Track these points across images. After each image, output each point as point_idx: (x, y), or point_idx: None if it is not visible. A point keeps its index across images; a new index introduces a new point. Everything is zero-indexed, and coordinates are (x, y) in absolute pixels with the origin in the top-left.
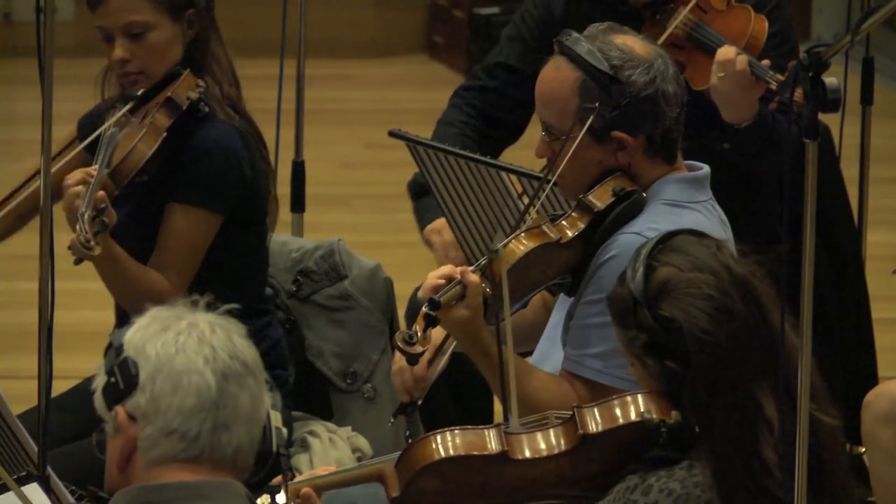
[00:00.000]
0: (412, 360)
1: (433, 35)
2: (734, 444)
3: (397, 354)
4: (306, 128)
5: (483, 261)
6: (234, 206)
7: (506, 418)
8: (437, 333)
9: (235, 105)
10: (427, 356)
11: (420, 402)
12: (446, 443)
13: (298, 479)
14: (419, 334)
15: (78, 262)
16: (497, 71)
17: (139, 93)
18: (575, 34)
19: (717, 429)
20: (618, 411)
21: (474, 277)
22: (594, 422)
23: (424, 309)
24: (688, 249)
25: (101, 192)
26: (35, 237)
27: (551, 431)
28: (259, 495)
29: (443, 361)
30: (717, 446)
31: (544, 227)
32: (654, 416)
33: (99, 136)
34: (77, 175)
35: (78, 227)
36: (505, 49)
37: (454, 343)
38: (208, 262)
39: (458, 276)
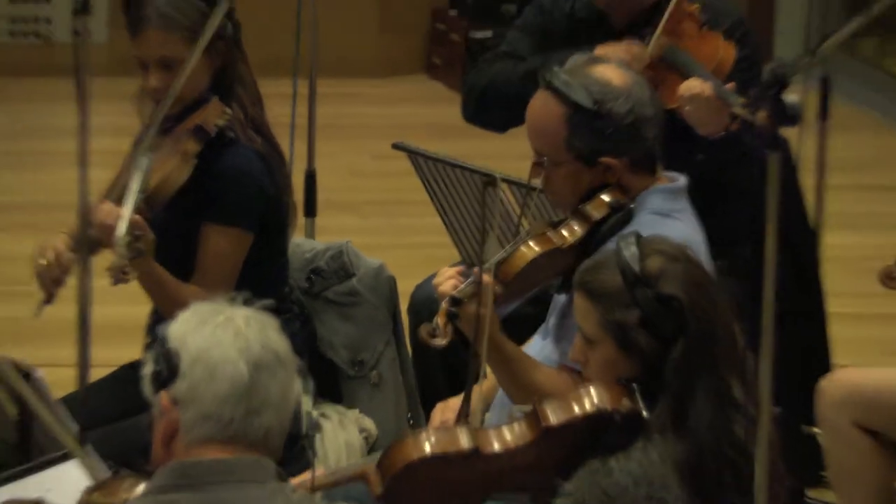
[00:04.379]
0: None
1: (432, 57)
2: (711, 420)
3: (431, 422)
4: (318, 140)
5: (494, 261)
6: (260, 222)
7: (466, 414)
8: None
9: (259, 126)
10: (453, 415)
11: None
12: (421, 443)
13: (293, 481)
14: (441, 328)
15: (116, 283)
16: (507, 58)
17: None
18: (558, 70)
19: (698, 403)
20: (575, 403)
21: (487, 278)
22: (554, 414)
23: (446, 305)
24: (668, 241)
25: (138, 217)
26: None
27: (515, 425)
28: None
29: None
30: (695, 420)
31: (549, 234)
32: (608, 405)
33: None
34: (109, 207)
35: (114, 252)
36: (516, 42)
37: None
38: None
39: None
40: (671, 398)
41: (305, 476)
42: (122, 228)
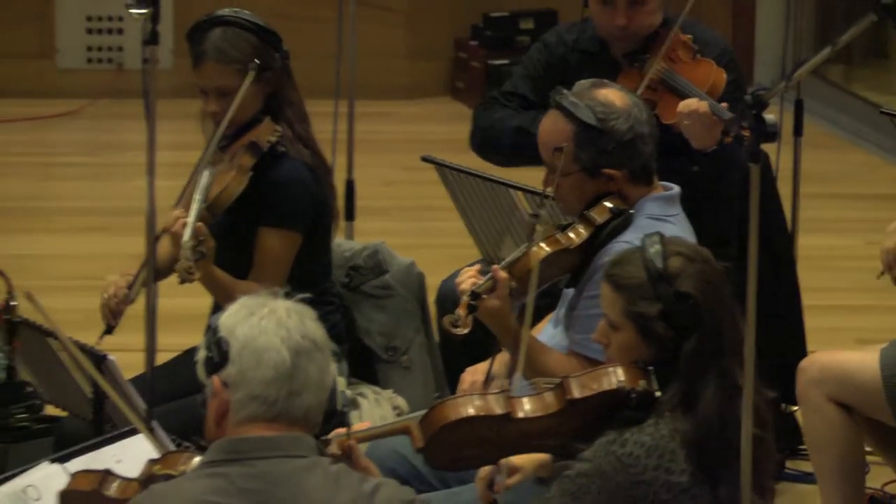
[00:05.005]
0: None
1: (456, 81)
2: (717, 403)
3: (461, 384)
4: (356, 153)
5: (509, 260)
6: (309, 225)
7: (491, 378)
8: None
9: (306, 141)
10: (482, 377)
11: None
12: (461, 406)
13: (342, 431)
14: (462, 318)
15: (182, 282)
16: (513, 98)
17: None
18: (566, 92)
19: (707, 388)
20: (597, 380)
21: (503, 274)
22: (578, 389)
23: (466, 299)
24: (687, 244)
25: (200, 224)
26: (143, 239)
27: (545, 395)
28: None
29: (499, 384)
30: (703, 403)
31: (557, 236)
32: (626, 384)
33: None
34: (178, 213)
35: (181, 255)
36: (518, 83)
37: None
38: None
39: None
40: (683, 382)
41: (358, 425)
42: (187, 234)
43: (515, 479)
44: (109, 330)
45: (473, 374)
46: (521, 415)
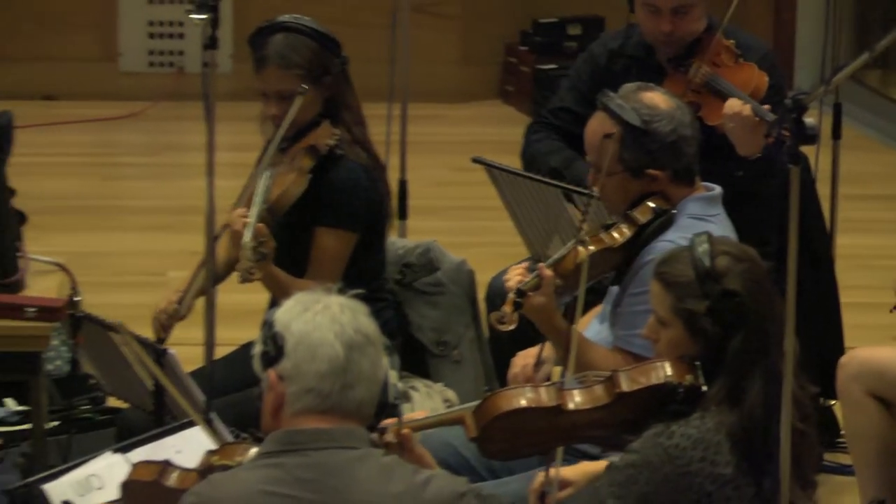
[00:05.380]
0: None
1: (505, 85)
2: (762, 398)
3: (512, 367)
4: (409, 155)
5: (555, 258)
6: (364, 225)
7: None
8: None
9: (363, 144)
10: (533, 361)
11: None
12: (514, 397)
13: (397, 421)
14: (508, 315)
15: (243, 281)
16: (560, 114)
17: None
18: (612, 94)
19: (752, 384)
20: (646, 375)
21: (548, 272)
22: (627, 382)
23: (512, 296)
24: (734, 244)
25: (261, 225)
26: (202, 237)
27: (595, 388)
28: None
29: (548, 368)
30: (748, 397)
31: (601, 235)
32: (674, 379)
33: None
34: (239, 213)
35: (241, 256)
36: (565, 96)
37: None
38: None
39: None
40: (729, 377)
41: (412, 415)
42: (247, 235)
43: (567, 492)
44: (160, 342)
45: (525, 358)
46: (571, 407)
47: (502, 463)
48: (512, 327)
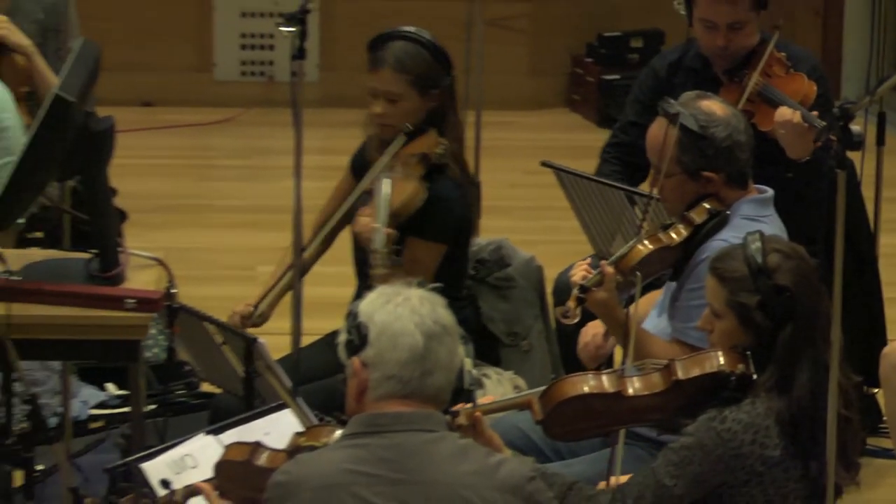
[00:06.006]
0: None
1: (572, 94)
2: (809, 386)
3: (582, 337)
4: (483, 159)
5: (616, 256)
6: (452, 238)
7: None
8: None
9: (458, 158)
10: (602, 331)
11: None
12: (577, 383)
13: (469, 406)
14: (572, 310)
15: (377, 284)
16: (629, 128)
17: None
18: (672, 101)
19: (800, 372)
20: (700, 364)
21: (610, 269)
22: (682, 370)
23: (576, 292)
24: (785, 242)
25: (390, 230)
26: (289, 234)
27: (652, 376)
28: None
29: (614, 341)
30: (797, 385)
31: (660, 235)
32: (726, 367)
33: (366, 165)
34: (365, 220)
35: (374, 261)
36: (629, 110)
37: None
38: None
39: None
40: (778, 366)
41: (482, 399)
42: (379, 241)
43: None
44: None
45: (594, 328)
46: (630, 393)
47: (567, 446)
48: (575, 321)
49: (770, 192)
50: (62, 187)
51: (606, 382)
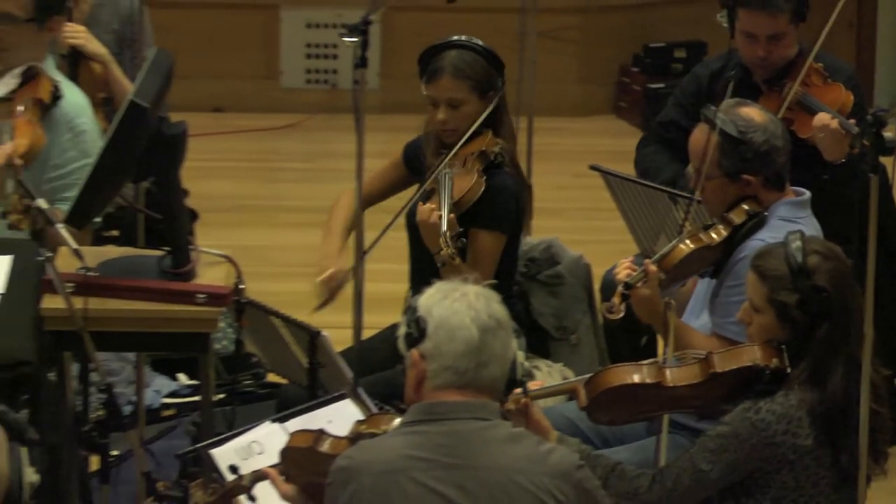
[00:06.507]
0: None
1: (619, 101)
2: (842, 381)
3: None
4: (534, 162)
5: (660, 254)
6: (512, 228)
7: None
8: None
9: (511, 157)
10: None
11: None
12: (619, 373)
13: (519, 391)
14: (617, 306)
15: (443, 266)
16: (669, 126)
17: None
18: (714, 108)
19: (833, 368)
20: (737, 357)
21: (653, 267)
22: (720, 363)
23: (620, 289)
24: (824, 244)
25: (452, 216)
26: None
27: (691, 367)
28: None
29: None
30: (830, 380)
31: (700, 235)
32: (761, 361)
33: (421, 164)
34: (429, 207)
35: (442, 244)
36: (672, 112)
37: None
38: None
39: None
40: (813, 361)
41: (532, 385)
42: (444, 226)
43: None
44: (324, 305)
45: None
46: (670, 383)
47: (613, 434)
48: (619, 317)
49: (807, 194)
50: (137, 188)
51: (647, 373)
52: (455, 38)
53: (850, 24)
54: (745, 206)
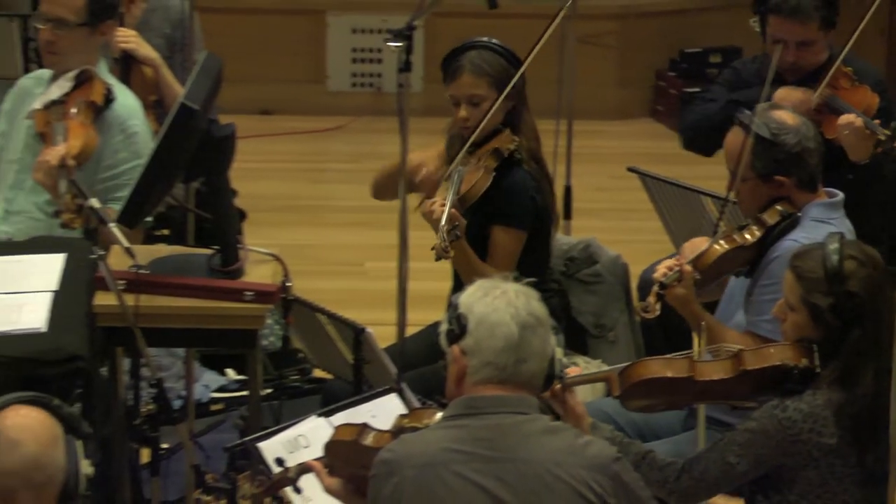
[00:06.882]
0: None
1: (656, 105)
2: (871, 383)
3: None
4: (573, 164)
5: (693, 257)
6: (532, 225)
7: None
8: None
9: (535, 154)
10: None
11: None
12: (652, 366)
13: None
14: (652, 305)
15: (438, 259)
16: (708, 102)
17: (470, 139)
18: (747, 112)
19: (863, 370)
20: (767, 356)
21: (688, 268)
22: (750, 361)
23: (656, 288)
24: (862, 249)
25: (454, 211)
26: (396, 233)
27: (723, 363)
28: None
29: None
30: (860, 382)
31: (735, 235)
32: (791, 361)
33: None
34: (435, 200)
35: (439, 237)
36: (716, 93)
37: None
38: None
39: (678, 266)
40: (842, 363)
41: (569, 371)
42: (444, 219)
43: None
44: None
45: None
46: (701, 378)
47: (649, 428)
48: (654, 315)
49: (840, 195)
50: (187, 188)
51: (679, 367)
52: (474, 39)
53: (882, 31)
54: (779, 207)
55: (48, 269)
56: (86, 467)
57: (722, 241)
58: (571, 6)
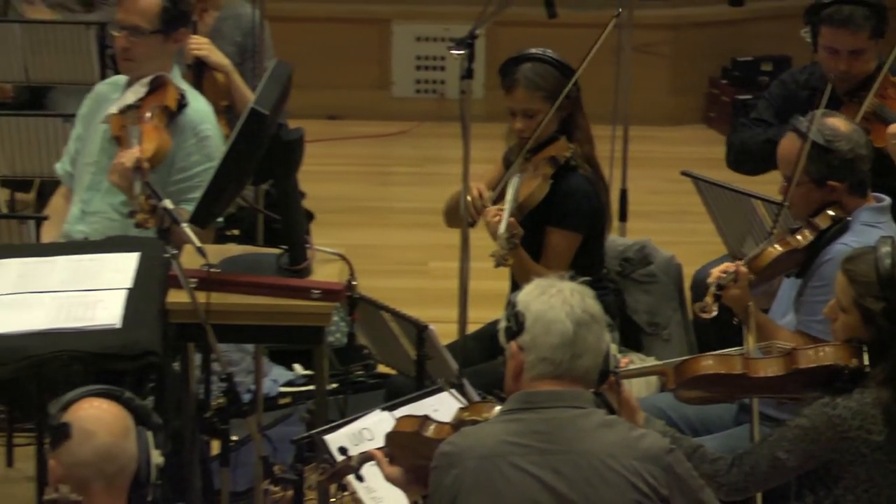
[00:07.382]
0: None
1: (709, 112)
2: None
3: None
4: (629, 168)
5: (749, 257)
6: (587, 227)
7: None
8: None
9: (590, 159)
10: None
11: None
12: (707, 362)
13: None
14: (709, 305)
15: (497, 266)
16: (758, 122)
17: (528, 147)
18: (802, 119)
19: None
20: (818, 355)
21: (744, 269)
22: (803, 360)
23: (713, 290)
24: None
25: (512, 220)
26: (458, 234)
27: (776, 361)
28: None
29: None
30: None
31: (788, 238)
32: (841, 361)
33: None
34: (493, 210)
35: (497, 245)
36: (762, 111)
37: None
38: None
39: (734, 269)
40: (892, 363)
41: (623, 361)
42: (502, 228)
43: None
44: (472, 224)
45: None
46: (754, 374)
47: (702, 423)
48: (711, 315)
49: (887, 200)
50: (257, 190)
51: (734, 364)
52: (530, 50)
53: None
54: (830, 212)
55: (123, 267)
56: (156, 457)
57: (776, 244)
58: (627, 17)
